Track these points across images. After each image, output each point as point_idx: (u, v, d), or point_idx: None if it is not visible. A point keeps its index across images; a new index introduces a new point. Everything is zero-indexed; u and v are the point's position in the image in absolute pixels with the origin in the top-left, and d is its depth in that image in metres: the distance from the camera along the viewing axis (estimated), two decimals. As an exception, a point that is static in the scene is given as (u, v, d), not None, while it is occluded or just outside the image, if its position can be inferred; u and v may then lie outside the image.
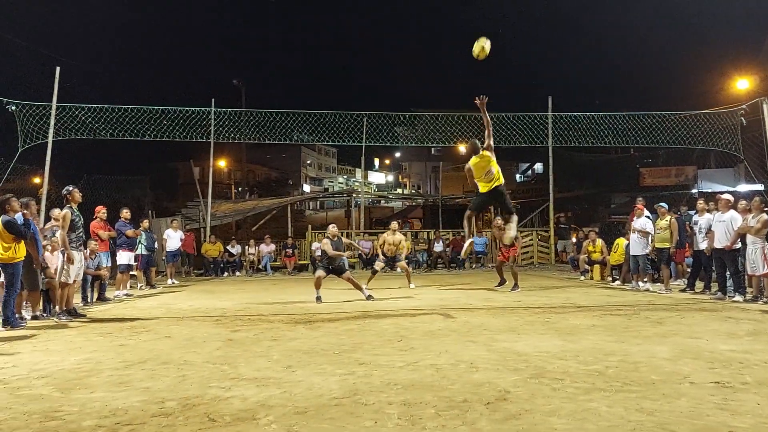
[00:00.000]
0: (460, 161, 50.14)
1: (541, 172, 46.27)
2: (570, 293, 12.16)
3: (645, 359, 5.50)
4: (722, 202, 10.71)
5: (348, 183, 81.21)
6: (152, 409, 4.08)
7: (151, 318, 9.17)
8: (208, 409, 4.08)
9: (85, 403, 4.26)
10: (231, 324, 8.28)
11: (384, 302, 10.82)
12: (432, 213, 31.29)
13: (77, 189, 9.74)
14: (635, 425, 3.59)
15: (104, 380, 4.97)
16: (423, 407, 4.02)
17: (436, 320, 8.31)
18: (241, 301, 11.38)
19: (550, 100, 21.99)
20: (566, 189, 34.95)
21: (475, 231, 22.97)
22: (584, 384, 4.59)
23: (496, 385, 4.57)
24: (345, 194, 28.42)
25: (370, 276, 13.56)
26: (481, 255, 21.93)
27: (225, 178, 53.24)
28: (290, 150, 63.65)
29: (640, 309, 9.34)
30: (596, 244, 15.78)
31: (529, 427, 3.61)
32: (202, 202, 22.59)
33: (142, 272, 14.93)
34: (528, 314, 8.90)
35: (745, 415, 3.79)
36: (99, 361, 5.78)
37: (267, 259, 20.46)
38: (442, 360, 5.54)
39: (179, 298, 12.54)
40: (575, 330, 7.32)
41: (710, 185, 32.80)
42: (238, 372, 5.19)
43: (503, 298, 11.37)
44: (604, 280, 15.01)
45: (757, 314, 8.58)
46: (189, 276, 19.40)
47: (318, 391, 4.48)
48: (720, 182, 32.96)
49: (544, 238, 22.98)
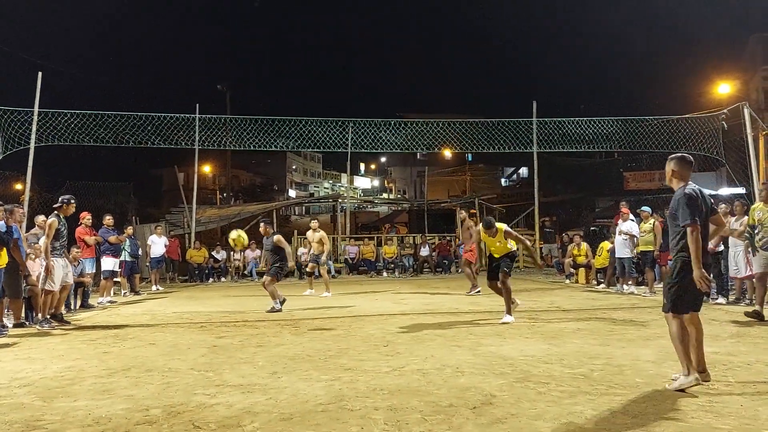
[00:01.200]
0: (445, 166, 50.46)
1: (527, 176, 46.51)
2: (555, 297, 12.22)
3: (629, 362, 5.53)
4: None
5: (334, 188, 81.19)
6: (136, 417, 4.04)
7: (135, 325, 9.09)
8: (192, 416, 4.05)
9: (67, 412, 4.21)
10: (216, 330, 8.24)
11: (369, 307, 10.81)
12: (418, 217, 31.34)
13: (73, 204, 9.64)
14: (620, 428, 3.61)
15: (87, 388, 4.92)
16: (409, 412, 4.01)
17: (421, 325, 8.30)
18: (226, 308, 11.32)
19: (534, 105, 22.12)
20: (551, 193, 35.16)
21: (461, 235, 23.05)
22: (569, 387, 4.61)
23: (482, 390, 4.57)
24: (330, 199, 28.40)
25: (311, 280, 13.95)
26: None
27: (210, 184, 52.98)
28: (275, 155, 63.47)
29: (624, 312, 9.40)
30: (581, 247, 15.88)
31: (515, 431, 3.62)
32: (187, 207, 22.47)
33: (126, 279, 14.82)
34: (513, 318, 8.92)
35: (729, 416, 3.82)
36: (82, 368, 5.72)
37: (252, 265, 20.36)
38: (427, 365, 5.54)
39: (164, 304, 12.44)
40: (560, 333, 7.34)
41: (693, 189, 33.03)
42: (223, 379, 5.16)
43: (489, 302, 11.39)
44: (589, 284, 15.10)
45: (740, 316, 8.66)
46: (174, 282, 19.27)
47: (304, 398, 4.47)
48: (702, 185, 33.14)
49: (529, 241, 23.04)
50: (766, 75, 36.69)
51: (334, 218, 30.26)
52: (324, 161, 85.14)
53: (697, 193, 4.69)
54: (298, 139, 21.79)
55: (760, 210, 8.21)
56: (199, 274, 19.79)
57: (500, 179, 57.44)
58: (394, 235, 24.88)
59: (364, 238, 23.48)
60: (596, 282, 14.77)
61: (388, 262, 21.18)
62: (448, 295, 13.10)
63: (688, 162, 4.83)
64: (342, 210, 26.87)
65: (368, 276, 20.65)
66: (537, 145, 21.99)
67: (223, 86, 35.13)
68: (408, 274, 20.87)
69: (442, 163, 51.84)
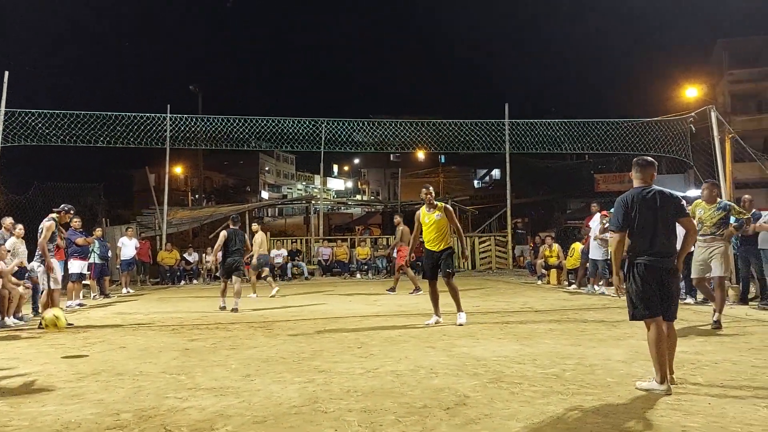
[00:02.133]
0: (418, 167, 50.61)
1: (499, 178, 46.88)
2: (527, 297, 12.31)
3: (601, 362, 5.60)
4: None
5: (307, 189, 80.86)
6: (106, 422, 3.99)
7: (106, 328, 8.97)
8: (164, 420, 4.00)
9: (35, 417, 4.13)
10: (188, 333, 8.16)
11: (343, 308, 10.80)
12: (391, 219, 31.29)
13: (71, 215, 10.37)
14: (592, 427, 3.65)
15: (56, 393, 4.83)
16: (383, 414, 4.01)
17: (395, 326, 8.32)
18: (199, 310, 11.22)
19: (506, 107, 22.29)
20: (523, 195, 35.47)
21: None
22: (542, 387, 4.65)
23: (456, 390, 4.59)
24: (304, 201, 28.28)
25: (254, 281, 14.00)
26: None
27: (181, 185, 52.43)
28: (248, 156, 63.01)
29: (595, 312, 9.51)
30: (553, 248, 16.02)
31: (489, 431, 3.64)
32: (158, 209, 22.18)
33: (96, 281, 14.59)
34: (486, 319, 8.99)
35: (697, 414, 3.89)
36: (51, 373, 5.62)
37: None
38: (401, 366, 5.55)
39: (134, 307, 12.29)
40: (532, 334, 7.41)
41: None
42: (195, 382, 5.11)
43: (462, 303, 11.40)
44: (561, 285, 15.23)
45: (707, 316, 8.80)
46: (144, 285, 19.02)
47: (277, 400, 4.44)
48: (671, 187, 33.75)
49: (501, 243, 23.22)
50: (732, 79, 37.41)
51: (308, 220, 30.16)
52: (297, 163, 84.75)
53: (628, 198, 4.77)
54: (271, 139, 21.66)
55: (702, 208, 8.23)
56: (170, 276, 19.54)
57: (473, 181, 57.84)
58: (367, 236, 24.86)
59: (337, 240, 23.41)
60: (568, 283, 14.91)
61: (362, 264, 21.15)
62: (422, 297, 13.11)
63: (640, 164, 4.89)
64: (315, 211, 26.81)
65: (342, 278, 20.61)
66: (509, 146, 22.16)
67: (195, 87, 34.78)
68: (381, 275, 20.86)
69: (416, 164, 51.99)
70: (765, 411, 3.97)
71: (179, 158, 41.66)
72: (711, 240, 7.98)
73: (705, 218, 8.10)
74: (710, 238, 7.99)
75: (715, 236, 7.97)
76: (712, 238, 7.97)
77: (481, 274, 20.85)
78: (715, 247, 7.93)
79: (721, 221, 8.04)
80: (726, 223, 8.14)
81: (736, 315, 8.97)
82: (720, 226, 8.02)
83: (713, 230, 8.00)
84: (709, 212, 8.10)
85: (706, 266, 8.00)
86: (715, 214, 8.05)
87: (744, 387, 4.62)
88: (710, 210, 8.10)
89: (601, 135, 21.60)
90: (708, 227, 8.03)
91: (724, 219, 8.07)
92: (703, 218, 8.11)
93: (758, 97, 38.21)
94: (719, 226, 8.01)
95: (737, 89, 37.71)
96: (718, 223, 8.02)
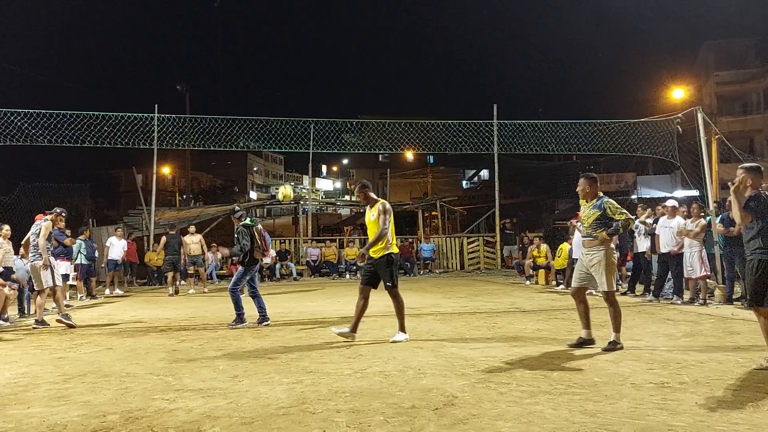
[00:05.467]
0: (407, 168, 50.67)
1: (488, 178, 46.99)
2: (515, 298, 12.35)
3: (588, 362, 5.63)
4: (669, 209, 11.06)
5: (295, 190, 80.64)
6: (93, 424, 3.96)
7: (92, 329, 8.90)
8: (151, 421, 3.98)
9: (21, 419, 4.10)
10: (175, 334, 8.11)
11: (331, 309, 10.78)
12: (380, 220, 31.28)
13: (64, 218, 10.45)
14: (579, 427, 3.67)
15: (42, 394, 4.79)
16: (371, 414, 4.01)
17: (383, 327, 8.32)
18: (186, 311, 11.16)
19: (495, 108, 22.36)
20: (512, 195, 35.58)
21: (423, 237, 23.18)
22: (530, 387, 4.67)
23: (444, 391, 4.60)
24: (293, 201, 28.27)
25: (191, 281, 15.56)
26: (429, 261, 22.11)
27: (169, 186, 52.25)
28: (236, 157, 62.74)
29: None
30: (541, 249, 16.08)
31: (477, 431, 3.65)
32: (146, 209, 22.07)
33: (83, 282, 14.49)
34: (474, 319, 9.01)
35: (684, 414, 3.92)
36: (36, 375, 5.57)
37: (213, 268, 20.11)
38: (390, 366, 5.55)
39: (121, 308, 12.21)
40: (520, 334, 7.43)
41: (649, 191, 33.96)
42: (182, 383, 5.09)
43: (451, 303, 11.47)
44: (549, 285, 15.29)
45: (693, 316, 8.89)
46: (132, 286, 18.91)
47: (265, 401, 4.43)
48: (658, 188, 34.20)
49: (490, 243, 23.29)
50: (719, 81, 37.76)
51: (296, 220, 30.08)
52: (286, 163, 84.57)
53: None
54: (260, 139, 21.62)
55: (583, 206, 6.92)
56: (158, 277, 19.44)
57: (461, 181, 57.98)
58: (356, 237, 24.84)
59: (326, 241, 23.39)
60: (556, 283, 14.97)
61: (350, 264, 21.14)
62: (409, 297, 13.12)
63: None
64: (304, 212, 26.74)
65: (330, 278, 20.59)
66: (498, 147, 22.23)
67: (182, 87, 34.65)
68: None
69: (404, 165, 52.06)
70: (751, 410, 4.00)
71: (167, 158, 41.54)
72: (589, 244, 6.64)
73: (583, 218, 6.88)
74: (588, 241, 6.67)
75: (592, 239, 6.60)
76: (590, 242, 6.62)
77: (469, 275, 20.91)
78: (594, 254, 6.56)
79: (597, 222, 6.56)
80: (604, 224, 6.54)
81: (722, 315, 9.03)
82: (596, 228, 6.56)
83: (589, 231, 6.65)
84: (587, 211, 6.75)
85: (585, 276, 6.72)
86: (591, 213, 6.64)
87: (730, 386, 4.65)
88: (588, 208, 6.74)
89: (589, 136, 21.74)
90: (585, 228, 6.75)
91: (599, 219, 6.54)
92: (582, 217, 6.93)
93: (743, 99, 38.64)
94: (595, 227, 6.56)
95: (723, 91, 38.11)
96: (594, 224, 6.57)
